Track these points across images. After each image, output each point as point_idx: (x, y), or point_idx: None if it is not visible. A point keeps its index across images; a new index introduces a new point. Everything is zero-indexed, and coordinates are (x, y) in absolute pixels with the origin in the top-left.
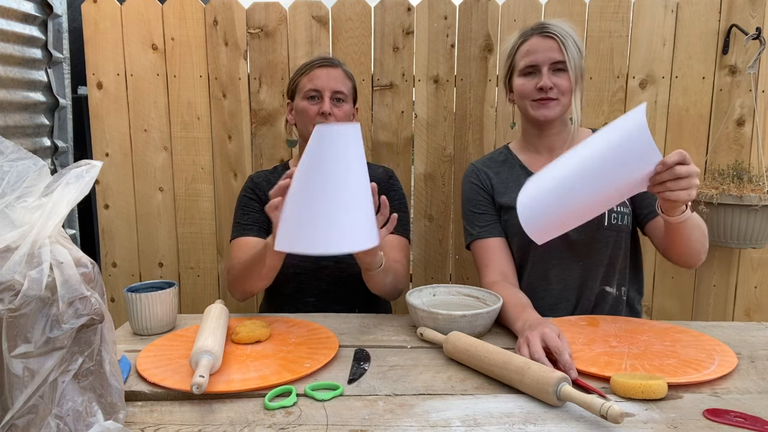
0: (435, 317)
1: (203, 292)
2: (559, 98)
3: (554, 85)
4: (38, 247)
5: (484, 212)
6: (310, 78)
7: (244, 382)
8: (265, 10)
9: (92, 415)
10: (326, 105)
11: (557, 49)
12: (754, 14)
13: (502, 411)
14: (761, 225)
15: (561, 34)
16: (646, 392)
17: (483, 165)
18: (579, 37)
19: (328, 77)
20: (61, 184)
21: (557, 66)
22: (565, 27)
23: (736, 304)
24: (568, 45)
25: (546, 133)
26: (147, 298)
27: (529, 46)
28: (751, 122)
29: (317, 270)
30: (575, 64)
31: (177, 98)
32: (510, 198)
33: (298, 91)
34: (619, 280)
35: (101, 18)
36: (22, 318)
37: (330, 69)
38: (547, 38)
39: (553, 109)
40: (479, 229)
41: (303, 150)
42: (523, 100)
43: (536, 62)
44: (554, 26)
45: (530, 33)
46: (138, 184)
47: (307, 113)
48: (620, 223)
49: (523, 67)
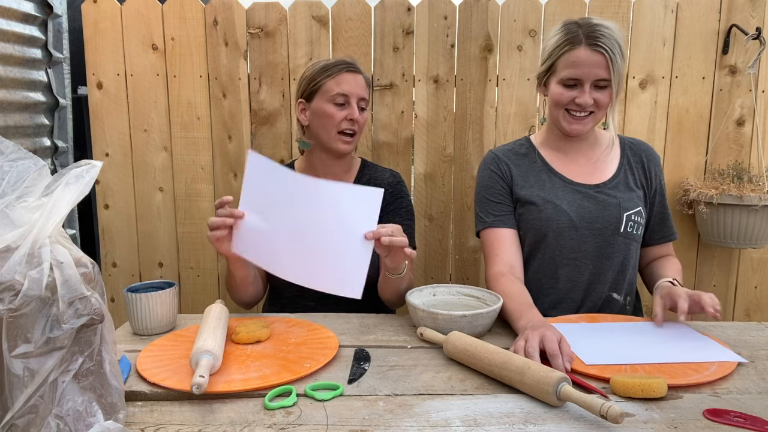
0: (435, 317)
1: (203, 292)
2: (595, 112)
3: (594, 101)
4: (38, 247)
5: (500, 202)
6: (338, 82)
7: (244, 382)
8: (265, 10)
9: (92, 415)
10: (355, 112)
11: (604, 66)
12: (754, 14)
13: (502, 411)
14: (761, 225)
15: (611, 48)
16: (646, 392)
17: (503, 155)
18: (622, 36)
19: (356, 83)
20: (61, 184)
21: (600, 83)
22: (614, 35)
23: (736, 304)
24: (616, 60)
25: (573, 139)
26: (147, 298)
27: (576, 58)
28: (751, 122)
29: None
30: (619, 79)
31: (177, 98)
32: (528, 192)
33: (320, 92)
34: (627, 288)
35: (101, 18)
36: (22, 318)
37: (356, 75)
38: (596, 52)
39: (587, 126)
40: (493, 217)
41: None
42: (558, 108)
43: (580, 77)
44: (605, 36)
45: (579, 40)
46: (138, 184)
47: (333, 118)
48: (635, 232)
49: (566, 78)
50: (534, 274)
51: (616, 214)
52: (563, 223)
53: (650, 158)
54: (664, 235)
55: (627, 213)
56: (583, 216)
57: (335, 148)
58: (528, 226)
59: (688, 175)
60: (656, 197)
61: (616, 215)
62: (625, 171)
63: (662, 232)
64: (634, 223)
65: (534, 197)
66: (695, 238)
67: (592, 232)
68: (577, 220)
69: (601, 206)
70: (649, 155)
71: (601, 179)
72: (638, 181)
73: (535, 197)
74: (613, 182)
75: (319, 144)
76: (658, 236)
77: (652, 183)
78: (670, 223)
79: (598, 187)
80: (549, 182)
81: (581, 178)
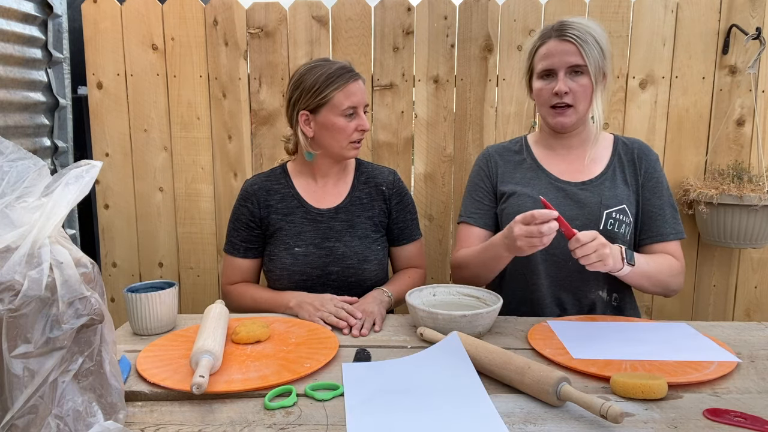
0: (435, 317)
1: (203, 292)
2: (575, 105)
3: (570, 90)
4: (38, 247)
5: (480, 200)
6: (347, 95)
7: (244, 382)
8: (265, 10)
9: (92, 415)
10: (365, 121)
11: (575, 53)
12: (754, 14)
13: (502, 411)
14: (761, 225)
15: (579, 37)
16: (646, 392)
17: (496, 151)
18: (603, 33)
19: (361, 91)
20: (61, 184)
21: (575, 69)
22: (586, 27)
23: (736, 304)
24: (587, 47)
25: (563, 135)
26: (147, 298)
27: (547, 50)
28: (751, 122)
29: (323, 276)
30: (596, 66)
31: (177, 98)
32: (512, 188)
33: (328, 106)
34: (612, 286)
35: (101, 18)
36: (22, 318)
37: (359, 82)
38: (565, 41)
39: (569, 117)
40: (471, 213)
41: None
42: (541, 105)
43: (552, 66)
44: (573, 28)
45: (549, 35)
46: (138, 184)
47: (345, 130)
48: (616, 230)
49: (540, 70)
50: (516, 272)
51: (596, 212)
52: None
53: (642, 154)
54: (651, 235)
55: (608, 211)
56: (562, 212)
57: (346, 156)
58: (509, 220)
59: (688, 175)
60: (645, 194)
61: (596, 213)
62: (614, 168)
63: (650, 231)
64: (615, 221)
65: (516, 192)
66: (695, 238)
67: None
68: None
69: (580, 204)
70: (642, 151)
71: (589, 176)
72: (628, 179)
73: (517, 192)
74: (600, 179)
75: (326, 153)
76: (645, 235)
77: (639, 178)
78: (662, 223)
79: (584, 184)
80: (535, 179)
81: (568, 176)
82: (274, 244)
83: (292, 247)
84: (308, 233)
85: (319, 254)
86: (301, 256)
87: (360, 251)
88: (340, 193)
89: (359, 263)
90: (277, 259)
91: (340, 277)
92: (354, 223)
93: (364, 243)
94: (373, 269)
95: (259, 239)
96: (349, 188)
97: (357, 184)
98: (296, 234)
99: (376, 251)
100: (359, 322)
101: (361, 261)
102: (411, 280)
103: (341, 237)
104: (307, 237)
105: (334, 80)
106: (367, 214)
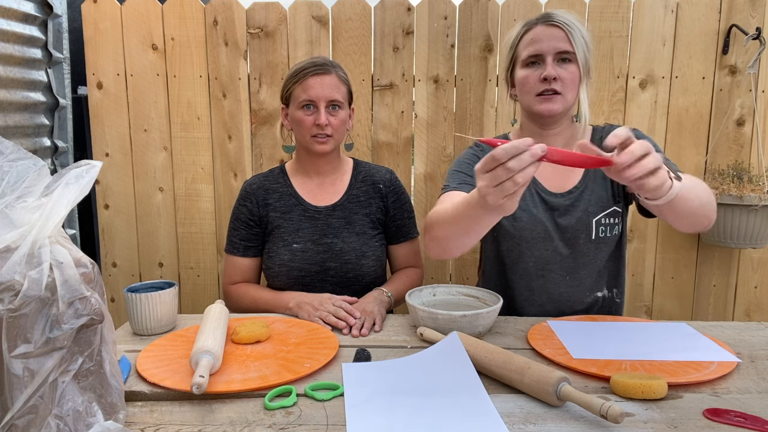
0: (435, 317)
1: (203, 292)
2: (563, 93)
3: (559, 76)
4: (38, 248)
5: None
6: (304, 88)
7: (244, 382)
8: (265, 10)
9: (92, 415)
10: (322, 117)
11: (563, 38)
12: (754, 14)
13: (502, 411)
14: (761, 225)
15: (567, 23)
16: (646, 392)
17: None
18: (586, 31)
19: (322, 86)
20: (61, 184)
21: (563, 56)
22: (572, 18)
23: (736, 304)
24: (575, 34)
25: (548, 131)
26: (147, 298)
27: (534, 35)
28: (751, 122)
29: (322, 272)
30: (583, 55)
31: (177, 98)
32: None
33: (292, 99)
34: (611, 282)
35: (101, 18)
36: (22, 318)
37: (324, 77)
38: (553, 27)
39: (557, 103)
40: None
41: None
42: (526, 94)
43: (540, 51)
44: (560, 15)
45: (534, 22)
46: (138, 184)
47: (303, 124)
48: (608, 234)
49: (527, 57)
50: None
51: (584, 220)
52: (538, 233)
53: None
54: None
55: (596, 218)
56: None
57: (312, 149)
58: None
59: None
60: None
61: (585, 221)
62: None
63: None
64: (605, 227)
65: None
66: (695, 238)
67: (564, 244)
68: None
69: (568, 217)
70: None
71: (573, 183)
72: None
73: None
74: (583, 185)
75: (302, 148)
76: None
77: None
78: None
79: (570, 193)
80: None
81: (554, 184)
82: (273, 242)
83: (290, 243)
84: (306, 230)
85: (317, 250)
86: (299, 253)
87: (358, 247)
88: (337, 191)
89: (357, 259)
90: (276, 255)
91: (338, 273)
92: (351, 220)
93: (361, 239)
94: (371, 265)
95: (258, 238)
96: (347, 186)
97: (354, 182)
98: (294, 231)
99: (374, 247)
100: (359, 322)
101: (359, 257)
102: (410, 280)
103: (339, 233)
104: (305, 233)
105: (297, 74)
106: (365, 211)
